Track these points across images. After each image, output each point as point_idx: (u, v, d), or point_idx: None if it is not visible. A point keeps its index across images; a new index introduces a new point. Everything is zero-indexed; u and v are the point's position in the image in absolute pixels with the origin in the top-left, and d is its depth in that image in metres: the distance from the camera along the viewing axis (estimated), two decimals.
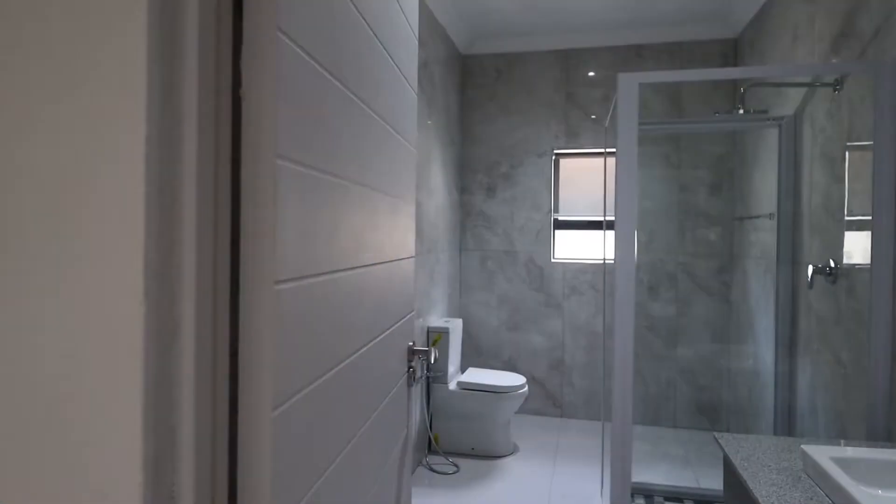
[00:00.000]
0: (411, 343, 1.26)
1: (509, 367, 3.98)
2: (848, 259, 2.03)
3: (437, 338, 3.21)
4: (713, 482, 2.89)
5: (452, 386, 3.23)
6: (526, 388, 3.23)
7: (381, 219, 1.02)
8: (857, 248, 1.98)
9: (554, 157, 3.98)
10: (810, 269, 2.15)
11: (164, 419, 0.49)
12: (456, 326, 3.38)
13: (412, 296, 1.30)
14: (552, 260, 3.96)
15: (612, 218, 1.94)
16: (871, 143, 1.79)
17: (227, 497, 0.54)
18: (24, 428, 0.50)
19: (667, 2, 3.33)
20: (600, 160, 3.94)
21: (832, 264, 2.11)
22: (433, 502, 2.72)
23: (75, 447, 0.49)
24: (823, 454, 1.23)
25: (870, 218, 1.79)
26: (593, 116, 3.88)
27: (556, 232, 4.01)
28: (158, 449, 0.49)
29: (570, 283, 3.91)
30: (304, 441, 0.68)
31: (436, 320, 3.38)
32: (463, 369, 3.70)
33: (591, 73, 3.87)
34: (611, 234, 2.03)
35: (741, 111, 2.20)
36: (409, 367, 1.26)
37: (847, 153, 2.05)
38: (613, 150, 1.94)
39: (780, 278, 2.58)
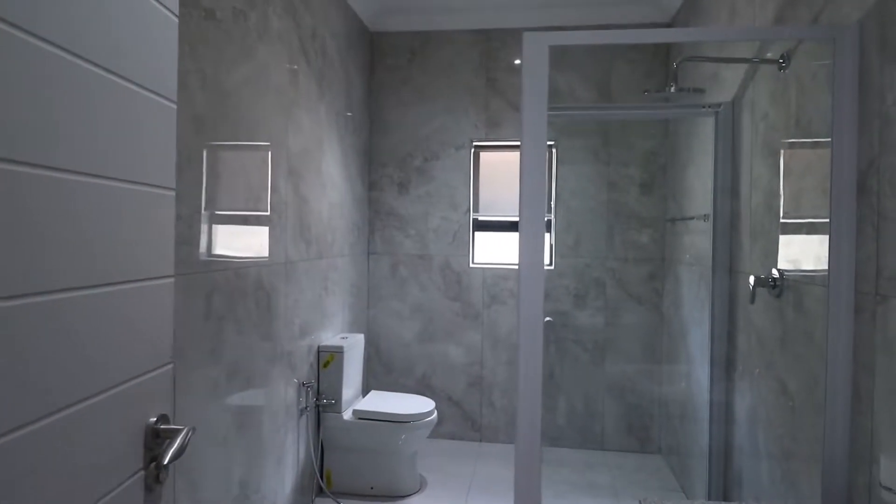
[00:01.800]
0: (154, 419, 0.77)
1: (423, 385, 3.52)
2: (795, 268, 1.70)
3: (329, 358, 2.71)
4: None
5: (347, 415, 2.73)
6: (434, 416, 2.77)
7: (66, 219, 0.54)
8: (806, 255, 1.65)
9: (473, 150, 3.56)
10: (752, 280, 1.81)
11: None
12: (354, 344, 2.88)
13: (167, 341, 0.80)
14: (471, 265, 3.53)
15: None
16: (825, 128, 1.45)
17: None
18: None
19: None
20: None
21: (775, 274, 1.77)
22: None
23: None
24: None
25: (826, 221, 1.45)
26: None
27: (476, 234, 3.58)
28: None
29: (490, 290, 3.50)
30: None
31: (331, 337, 2.87)
32: (365, 392, 3.20)
33: (518, 62, 3.47)
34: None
35: (673, 89, 1.83)
36: (152, 461, 0.76)
37: (793, 144, 1.71)
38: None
39: (716, 288, 2.25)
